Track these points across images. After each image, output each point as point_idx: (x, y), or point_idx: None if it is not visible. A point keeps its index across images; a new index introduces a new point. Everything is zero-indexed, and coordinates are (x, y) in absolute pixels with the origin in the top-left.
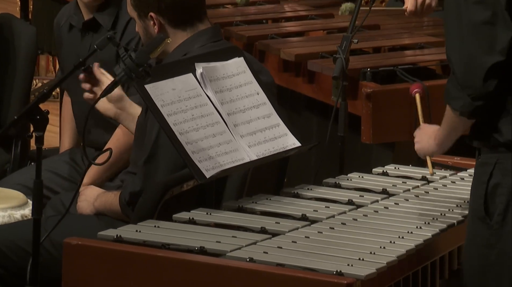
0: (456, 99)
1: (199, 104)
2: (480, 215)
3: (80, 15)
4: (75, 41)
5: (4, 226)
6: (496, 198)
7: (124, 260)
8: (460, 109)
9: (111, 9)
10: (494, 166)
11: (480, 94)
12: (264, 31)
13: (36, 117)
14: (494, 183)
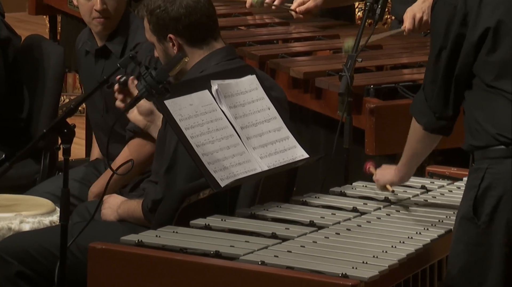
0: (422, 114)
1: (215, 119)
2: (468, 216)
3: (93, 41)
4: (90, 64)
5: (34, 232)
6: (485, 200)
7: (145, 263)
8: (424, 125)
9: (120, 37)
10: (485, 171)
11: (445, 115)
12: (275, 51)
13: (63, 130)
14: (484, 186)
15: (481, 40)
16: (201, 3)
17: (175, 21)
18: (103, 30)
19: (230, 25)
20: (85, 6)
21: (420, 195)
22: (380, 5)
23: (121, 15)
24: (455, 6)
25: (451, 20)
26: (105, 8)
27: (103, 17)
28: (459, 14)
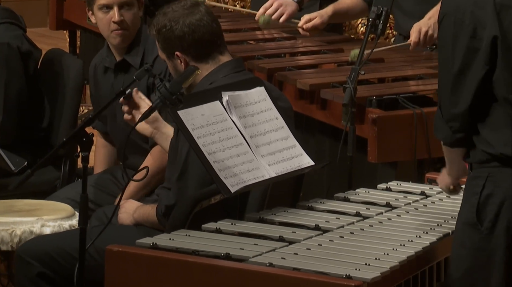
0: (440, 130)
1: (225, 128)
2: (472, 222)
3: (112, 57)
4: (110, 80)
5: (54, 235)
6: (488, 207)
7: (159, 265)
8: (443, 140)
9: (137, 49)
10: (486, 179)
11: (459, 128)
12: (282, 64)
13: (82, 139)
14: (486, 193)
15: (493, 51)
16: (204, 21)
17: (180, 39)
18: (121, 42)
19: (240, 39)
20: (103, 20)
21: (420, 201)
22: (382, 21)
23: (137, 27)
24: (463, 20)
25: (460, 33)
26: (123, 20)
27: (121, 29)
28: (469, 27)
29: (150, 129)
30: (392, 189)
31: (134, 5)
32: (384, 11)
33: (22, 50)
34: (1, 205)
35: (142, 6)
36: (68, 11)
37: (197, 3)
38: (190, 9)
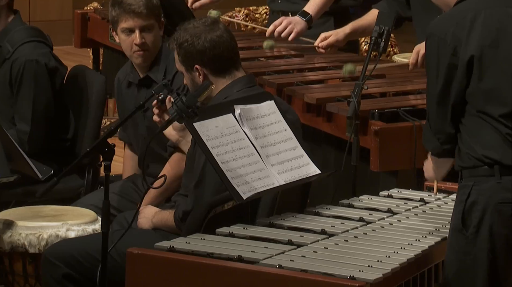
0: (429, 142)
1: (238, 139)
2: (458, 228)
3: (135, 73)
4: (133, 94)
5: (78, 238)
6: (472, 214)
7: (176, 267)
8: (432, 151)
9: (160, 66)
10: (472, 188)
11: (446, 139)
12: (291, 79)
13: (104, 149)
14: (470, 201)
15: (469, 68)
16: (224, 38)
17: (201, 53)
18: (143, 61)
19: (252, 56)
20: (126, 41)
21: (419, 207)
22: (384, 39)
23: (158, 47)
24: (445, 40)
25: (442, 52)
26: (144, 42)
27: (143, 50)
28: (450, 46)
29: (176, 136)
30: (393, 196)
31: (155, 27)
32: (385, 30)
33: (49, 66)
34: (29, 211)
35: (162, 26)
36: (91, 31)
37: (217, 21)
38: (211, 26)
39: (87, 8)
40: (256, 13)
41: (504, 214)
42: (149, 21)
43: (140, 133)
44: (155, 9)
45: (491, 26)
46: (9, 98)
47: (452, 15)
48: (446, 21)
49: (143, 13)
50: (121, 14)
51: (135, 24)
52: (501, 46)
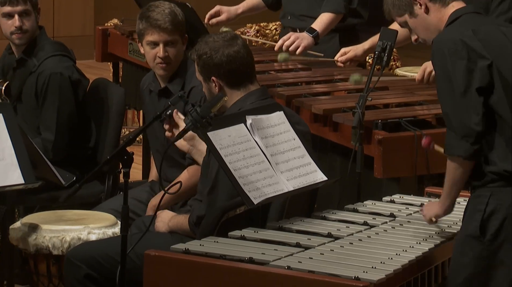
0: (458, 147)
1: (249, 147)
2: (475, 235)
3: (157, 82)
4: (154, 102)
5: (99, 241)
6: (490, 222)
7: (190, 268)
8: (464, 153)
9: (178, 79)
10: (489, 197)
11: (476, 140)
12: (299, 91)
13: (124, 157)
14: (490, 210)
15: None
16: (241, 54)
17: (218, 67)
18: (164, 73)
19: (263, 70)
20: (150, 53)
21: (420, 212)
22: (387, 54)
23: (180, 61)
24: (456, 49)
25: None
26: (167, 55)
27: (165, 63)
28: (463, 52)
29: (187, 146)
30: (395, 201)
31: (178, 42)
32: (388, 45)
33: (72, 79)
34: (53, 215)
35: (185, 41)
36: (112, 46)
37: (236, 37)
38: (230, 41)
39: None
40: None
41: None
42: (173, 36)
43: (159, 139)
44: (179, 25)
45: (492, 41)
46: (34, 108)
47: (455, 32)
48: (452, 35)
49: (168, 28)
50: (147, 28)
51: (160, 38)
52: (506, 60)
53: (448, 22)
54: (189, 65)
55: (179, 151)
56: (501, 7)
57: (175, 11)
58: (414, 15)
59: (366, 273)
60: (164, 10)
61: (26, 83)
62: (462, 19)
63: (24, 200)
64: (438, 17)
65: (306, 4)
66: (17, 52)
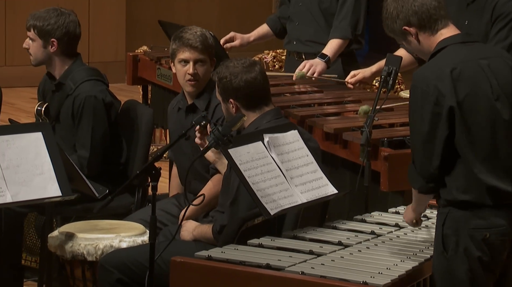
0: (415, 181)
1: (266, 163)
2: (440, 251)
3: (185, 100)
4: (181, 119)
5: (129, 248)
6: (449, 239)
7: (213, 273)
8: (419, 189)
9: (205, 96)
10: (446, 215)
11: (431, 179)
12: (312, 112)
13: (152, 172)
14: (446, 227)
15: (451, 118)
16: (257, 80)
17: (236, 90)
18: (192, 90)
19: (279, 92)
20: (181, 71)
21: (423, 222)
22: (392, 78)
23: (207, 79)
24: (427, 92)
25: (425, 101)
26: (196, 73)
27: (194, 80)
28: (432, 97)
29: (213, 157)
30: (400, 213)
31: (207, 62)
32: (394, 70)
33: (105, 101)
34: (87, 225)
35: (214, 63)
36: (141, 70)
37: (254, 63)
38: (248, 68)
39: (137, 51)
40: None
41: (476, 238)
42: (203, 55)
43: (185, 152)
44: (209, 47)
45: (467, 80)
46: (71, 128)
47: (433, 69)
48: (428, 74)
49: (198, 47)
50: (179, 47)
51: (191, 56)
52: (476, 97)
53: (434, 51)
54: (214, 84)
55: (203, 164)
56: (499, 36)
57: (206, 34)
58: (408, 42)
59: (373, 278)
60: (196, 32)
61: (63, 105)
62: (446, 51)
63: (62, 211)
64: (428, 44)
65: (313, 30)
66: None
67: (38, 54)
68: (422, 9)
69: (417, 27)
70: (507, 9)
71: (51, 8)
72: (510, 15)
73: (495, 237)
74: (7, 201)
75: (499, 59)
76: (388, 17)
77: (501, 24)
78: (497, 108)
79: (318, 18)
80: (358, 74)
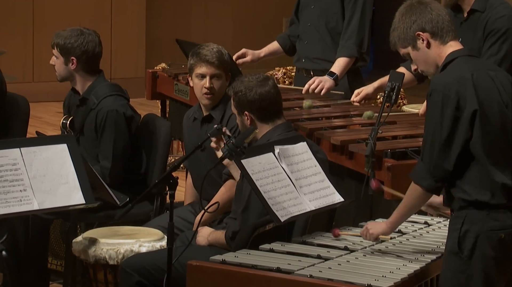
0: (424, 179)
1: (276, 173)
2: (454, 251)
3: (201, 111)
4: (196, 128)
5: (149, 253)
6: (466, 240)
7: (227, 276)
8: (427, 186)
9: (220, 106)
10: (464, 218)
11: (441, 178)
12: (320, 125)
13: (170, 181)
14: (464, 229)
15: (472, 121)
16: (271, 93)
17: (250, 103)
18: (208, 103)
19: (289, 106)
20: (198, 85)
21: (424, 228)
22: (395, 93)
23: (223, 93)
24: (449, 95)
25: (446, 105)
26: (212, 87)
27: (210, 93)
28: (454, 101)
29: (228, 160)
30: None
31: (222, 77)
32: (396, 86)
33: (126, 115)
34: (109, 230)
35: (229, 78)
36: (160, 86)
37: (268, 78)
38: (262, 82)
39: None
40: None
41: (492, 239)
42: (218, 70)
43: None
44: (225, 63)
45: (483, 86)
46: (94, 140)
47: (453, 75)
48: (450, 79)
49: (214, 63)
50: (197, 62)
51: (207, 71)
52: (491, 103)
53: (446, 61)
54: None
55: (217, 170)
56: (491, 50)
57: (221, 50)
58: (417, 48)
59: (377, 281)
60: (213, 48)
61: (87, 119)
62: (458, 61)
63: (85, 217)
64: (437, 52)
65: (321, 49)
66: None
67: (61, 70)
68: (437, 18)
69: (430, 33)
70: (497, 25)
71: (75, 28)
72: (500, 31)
73: (509, 237)
74: (34, 209)
75: (502, 72)
76: (401, 24)
77: (493, 39)
78: (507, 114)
79: (325, 37)
80: (362, 91)
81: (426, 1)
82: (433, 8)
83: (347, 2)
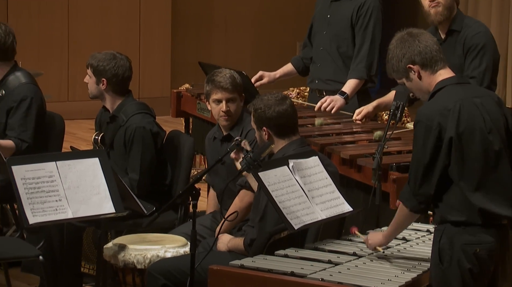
0: (409, 201)
1: (291, 184)
2: (436, 262)
3: (220, 131)
4: (217, 147)
5: (173, 258)
6: (444, 252)
7: (245, 279)
8: (411, 208)
9: (238, 126)
10: (443, 232)
11: (424, 201)
12: (331, 141)
13: (193, 192)
14: (443, 242)
15: (449, 148)
16: (288, 111)
17: (269, 120)
18: (227, 124)
19: (302, 123)
20: (216, 109)
21: (426, 236)
22: (400, 111)
23: (239, 114)
24: (431, 126)
25: (428, 135)
26: (228, 110)
27: (227, 115)
28: (435, 131)
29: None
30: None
31: (237, 99)
32: (401, 104)
33: (153, 131)
34: (137, 237)
35: (243, 99)
36: (184, 104)
37: (286, 97)
38: (280, 101)
39: (181, 88)
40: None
41: (467, 253)
42: (233, 94)
43: (221, 174)
44: (238, 86)
45: (465, 115)
46: (123, 154)
47: (435, 107)
48: (432, 110)
49: (229, 88)
50: (213, 89)
51: (223, 96)
52: (473, 130)
53: (434, 90)
54: (245, 116)
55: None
56: (473, 64)
57: (234, 75)
58: (410, 79)
59: (383, 285)
60: (225, 74)
61: (117, 135)
62: (445, 90)
63: (115, 225)
64: (428, 82)
65: (332, 71)
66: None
67: (93, 89)
68: (425, 50)
69: (420, 65)
70: (475, 41)
71: (109, 52)
72: (479, 46)
73: (484, 252)
74: (69, 217)
75: (489, 97)
76: (393, 57)
77: (473, 54)
78: (490, 140)
79: (336, 60)
80: (362, 110)
81: (415, 33)
82: (421, 41)
83: (358, 29)
